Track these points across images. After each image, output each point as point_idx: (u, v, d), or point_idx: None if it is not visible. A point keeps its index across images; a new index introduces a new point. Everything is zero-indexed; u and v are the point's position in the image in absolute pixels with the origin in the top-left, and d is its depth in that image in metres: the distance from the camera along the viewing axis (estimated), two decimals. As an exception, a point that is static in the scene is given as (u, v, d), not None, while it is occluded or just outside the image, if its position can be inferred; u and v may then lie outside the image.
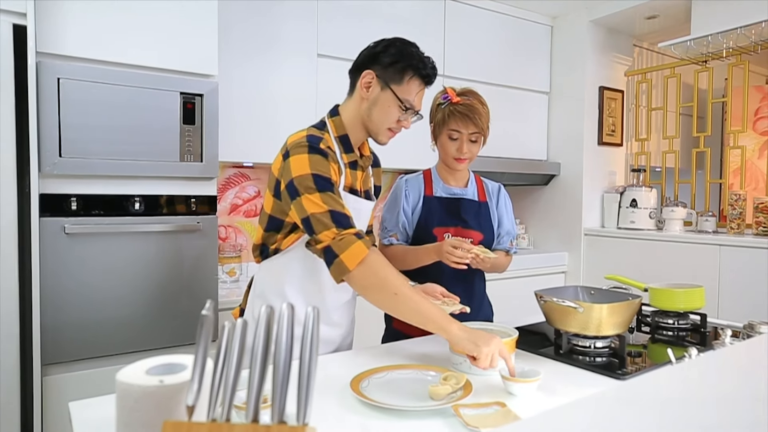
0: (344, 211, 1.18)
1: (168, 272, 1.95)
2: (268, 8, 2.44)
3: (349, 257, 1.13)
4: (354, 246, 1.14)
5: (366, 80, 1.28)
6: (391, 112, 1.28)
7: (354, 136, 1.34)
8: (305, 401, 0.53)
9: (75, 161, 1.76)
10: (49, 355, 1.74)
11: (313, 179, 1.18)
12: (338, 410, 1.01)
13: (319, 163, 1.20)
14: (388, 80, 1.27)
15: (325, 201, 1.17)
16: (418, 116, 1.34)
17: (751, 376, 0.77)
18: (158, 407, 0.56)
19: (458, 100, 1.51)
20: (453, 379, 1.07)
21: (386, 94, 1.27)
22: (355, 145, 1.35)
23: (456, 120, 1.51)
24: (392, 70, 1.27)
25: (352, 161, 1.33)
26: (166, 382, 0.57)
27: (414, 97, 1.29)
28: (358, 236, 1.16)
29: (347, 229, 1.16)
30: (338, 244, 1.14)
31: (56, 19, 1.73)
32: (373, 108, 1.29)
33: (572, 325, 1.34)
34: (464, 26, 3.12)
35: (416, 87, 1.29)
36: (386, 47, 1.28)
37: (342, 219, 1.17)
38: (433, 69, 1.30)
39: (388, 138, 1.34)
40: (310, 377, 0.54)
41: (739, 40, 2.79)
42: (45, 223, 1.73)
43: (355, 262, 1.13)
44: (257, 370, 0.54)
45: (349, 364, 1.23)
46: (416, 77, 1.28)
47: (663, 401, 0.65)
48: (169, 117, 1.91)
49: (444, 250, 1.43)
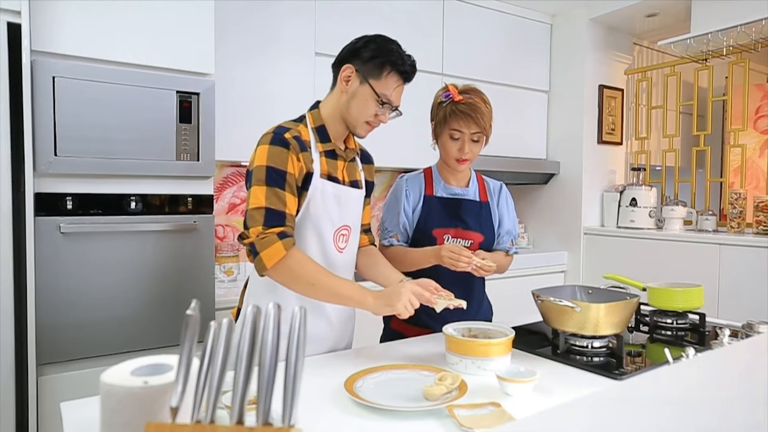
0: (282, 209, 1.23)
1: (164, 272, 1.94)
2: (265, 7, 2.43)
3: (267, 256, 1.20)
4: (273, 246, 1.20)
5: (345, 74, 1.32)
6: (368, 106, 1.32)
7: (333, 128, 1.37)
8: (291, 402, 0.52)
9: (70, 160, 1.75)
10: (44, 355, 1.73)
11: (265, 171, 1.24)
12: (332, 410, 1.00)
13: (277, 155, 1.25)
14: (366, 75, 1.30)
15: (267, 197, 1.23)
16: (396, 112, 1.37)
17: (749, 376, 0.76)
18: (142, 408, 0.55)
19: (460, 99, 1.49)
20: (448, 380, 1.06)
21: (364, 88, 1.31)
22: (335, 136, 1.38)
23: (458, 119, 1.49)
24: (371, 65, 1.30)
25: (329, 150, 1.36)
26: (150, 383, 0.56)
27: (392, 93, 1.32)
28: (282, 236, 1.21)
29: (273, 228, 1.21)
30: (260, 242, 1.21)
31: (51, 17, 1.72)
32: (351, 101, 1.33)
33: (569, 324, 1.33)
34: (463, 24, 3.10)
35: (394, 82, 1.32)
36: (366, 43, 1.32)
37: (274, 217, 1.22)
38: (411, 66, 1.34)
39: (366, 131, 1.37)
40: (296, 378, 0.53)
41: (740, 38, 2.77)
42: (40, 223, 1.72)
43: (272, 262, 1.20)
44: (242, 370, 0.53)
45: (345, 364, 1.23)
46: (394, 73, 1.31)
47: (660, 401, 0.64)
48: (166, 116, 1.90)
49: (442, 255, 1.41)
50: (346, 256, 1.40)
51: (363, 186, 1.46)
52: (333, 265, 1.32)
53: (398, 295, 1.19)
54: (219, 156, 2.07)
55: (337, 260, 1.35)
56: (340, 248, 1.37)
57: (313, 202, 1.31)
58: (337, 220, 1.35)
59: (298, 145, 1.28)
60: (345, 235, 1.38)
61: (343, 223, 1.37)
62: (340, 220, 1.36)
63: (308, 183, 1.29)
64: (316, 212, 1.31)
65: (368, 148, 1.56)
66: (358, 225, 1.45)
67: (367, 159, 1.53)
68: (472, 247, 1.57)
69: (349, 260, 1.41)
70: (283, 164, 1.25)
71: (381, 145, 2.71)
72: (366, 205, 1.51)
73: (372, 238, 1.55)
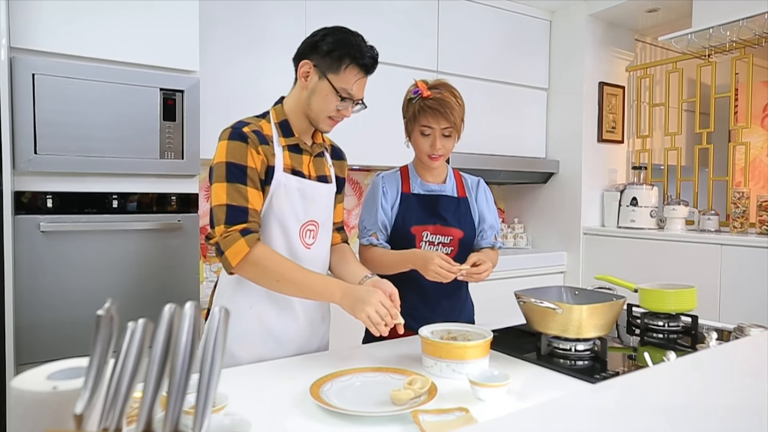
0: (245, 205, 1.22)
1: (148, 271, 1.92)
2: (254, 5, 2.40)
3: (232, 254, 1.19)
4: (236, 244, 1.19)
5: (304, 70, 1.30)
6: (328, 101, 1.28)
7: (296, 123, 1.34)
8: (202, 413, 0.48)
9: (51, 158, 1.73)
10: (23, 356, 1.71)
11: (226, 168, 1.23)
12: (296, 416, 0.97)
13: (236, 150, 1.23)
14: (325, 69, 1.27)
15: (229, 193, 1.21)
16: (361, 105, 1.34)
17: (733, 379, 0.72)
18: (52, 416, 0.52)
19: (428, 94, 1.46)
20: (417, 383, 1.02)
21: (323, 83, 1.28)
22: (299, 131, 1.35)
23: (427, 115, 1.46)
24: (329, 59, 1.27)
25: (292, 144, 1.33)
26: (59, 388, 0.53)
27: (352, 86, 1.29)
28: (245, 232, 1.20)
29: (236, 225, 1.20)
30: (224, 241, 1.20)
31: (30, 14, 1.70)
32: (311, 97, 1.30)
33: (552, 326, 1.28)
34: (459, 22, 3.05)
35: (354, 76, 1.28)
36: (324, 36, 1.28)
37: (236, 214, 1.21)
38: (372, 58, 1.30)
39: (330, 126, 1.34)
40: (210, 386, 0.49)
41: (742, 32, 2.70)
42: (19, 221, 1.70)
43: (237, 259, 1.19)
44: (153, 376, 0.49)
45: (315, 367, 1.19)
46: (353, 65, 1.27)
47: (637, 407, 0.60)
48: (149, 113, 1.88)
49: (429, 269, 1.36)
50: (314, 252, 1.36)
51: (333, 181, 1.43)
52: (299, 261, 1.29)
53: (362, 307, 1.17)
54: (204, 154, 2.04)
55: (303, 256, 1.32)
56: (307, 244, 1.34)
57: (276, 197, 1.28)
58: (302, 215, 1.32)
59: (257, 139, 1.26)
60: (312, 231, 1.35)
61: (309, 218, 1.34)
62: (306, 215, 1.33)
63: (271, 177, 1.27)
64: (279, 207, 1.29)
65: (363, 147, 1.53)
66: (328, 221, 1.41)
67: (338, 155, 1.49)
68: (451, 243, 1.53)
69: (317, 256, 1.38)
70: (242, 159, 1.23)
71: (375, 144, 2.70)
72: (338, 202, 1.47)
73: (345, 236, 1.52)
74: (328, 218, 1.41)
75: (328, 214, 1.41)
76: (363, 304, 1.16)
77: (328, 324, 1.47)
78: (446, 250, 1.54)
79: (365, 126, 2.32)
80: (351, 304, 1.18)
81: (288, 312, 1.33)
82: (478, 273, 1.41)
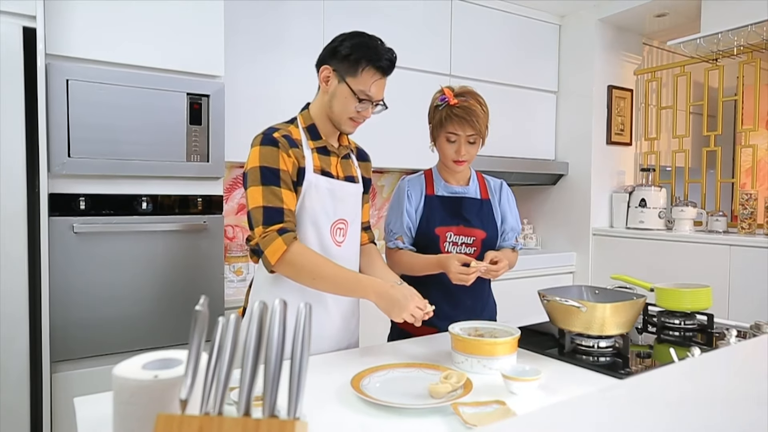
0: (280, 206, 1.28)
1: (175, 271, 1.97)
2: (274, 8, 2.45)
3: (271, 253, 1.25)
4: (275, 243, 1.25)
5: (324, 75, 1.37)
6: (348, 103, 1.35)
7: (322, 127, 1.41)
8: (296, 396, 0.53)
9: (83, 161, 1.78)
10: (58, 353, 1.77)
11: (260, 172, 1.28)
12: (338, 408, 1.01)
13: (269, 154, 1.29)
14: (343, 73, 1.33)
15: (264, 195, 1.27)
16: (381, 106, 1.40)
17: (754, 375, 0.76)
18: (153, 401, 0.57)
19: (455, 102, 1.51)
20: (453, 378, 1.07)
21: (342, 86, 1.34)
22: (325, 134, 1.41)
23: (453, 123, 1.51)
24: (347, 63, 1.33)
25: (320, 147, 1.39)
26: (160, 376, 0.58)
27: (370, 88, 1.34)
28: (282, 231, 1.25)
29: (273, 225, 1.26)
30: (263, 241, 1.26)
31: (65, 22, 1.75)
32: (332, 100, 1.36)
33: (575, 324, 1.33)
34: (471, 25, 3.11)
35: (371, 77, 1.34)
36: (342, 41, 1.35)
37: (272, 215, 1.27)
38: (389, 60, 1.35)
39: (352, 127, 1.40)
40: (301, 372, 0.55)
41: (750, 37, 2.75)
42: (54, 223, 1.75)
43: (275, 258, 1.25)
44: (249, 365, 0.55)
45: (351, 363, 1.24)
46: (370, 67, 1.33)
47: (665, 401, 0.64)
48: (176, 117, 1.93)
49: (453, 271, 1.43)
50: (345, 250, 1.42)
51: (360, 181, 1.48)
52: (332, 258, 1.34)
53: (401, 310, 1.23)
54: (228, 157, 2.10)
55: (335, 254, 1.38)
56: (337, 242, 1.40)
57: (308, 197, 1.34)
58: (333, 213, 1.38)
59: (288, 143, 1.32)
60: (342, 229, 1.41)
61: (339, 217, 1.40)
62: (335, 213, 1.39)
63: (302, 178, 1.33)
64: (311, 206, 1.35)
65: (379, 149, 1.59)
66: (357, 220, 1.47)
67: (363, 157, 1.56)
68: (474, 243, 1.58)
69: (348, 254, 1.43)
70: (275, 162, 1.29)
71: (390, 146, 2.75)
72: (365, 202, 1.53)
73: (371, 236, 1.57)
74: (356, 217, 1.46)
75: (356, 213, 1.47)
76: (400, 311, 1.23)
77: (357, 318, 1.52)
78: (469, 251, 1.59)
79: (379, 129, 2.37)
80: (387, 307, 1.24)
81: (321, 307, 1.38)
82: (496, 270, 1.47)
